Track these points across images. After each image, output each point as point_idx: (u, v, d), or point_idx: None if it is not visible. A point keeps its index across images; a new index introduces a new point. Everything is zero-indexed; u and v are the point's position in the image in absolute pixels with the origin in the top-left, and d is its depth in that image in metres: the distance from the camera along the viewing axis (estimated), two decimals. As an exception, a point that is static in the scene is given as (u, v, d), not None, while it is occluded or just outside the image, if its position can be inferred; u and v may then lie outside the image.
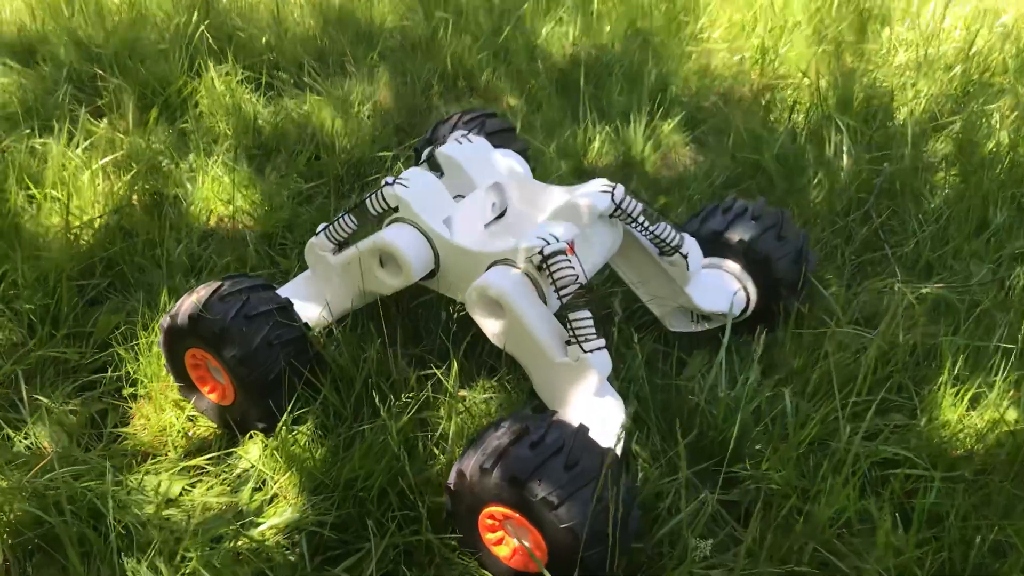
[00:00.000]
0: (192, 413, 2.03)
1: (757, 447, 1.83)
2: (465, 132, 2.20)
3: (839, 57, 3.28)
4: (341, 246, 2.07)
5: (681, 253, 2.01)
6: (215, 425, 2.01)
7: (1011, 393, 1.89)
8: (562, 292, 1.77)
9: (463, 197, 2.09)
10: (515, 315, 1.79)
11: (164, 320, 1.94)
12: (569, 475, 1.53)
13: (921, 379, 1.97)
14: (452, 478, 1.63)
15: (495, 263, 1.87)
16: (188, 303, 1.90)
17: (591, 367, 1.76)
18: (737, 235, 2.13)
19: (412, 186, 1.98)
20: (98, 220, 2.45)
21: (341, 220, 2.04)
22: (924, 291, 2.15)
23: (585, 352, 1.75)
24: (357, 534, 1.72)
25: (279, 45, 3.33)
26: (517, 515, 1.57)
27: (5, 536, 1.68)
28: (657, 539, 1.70)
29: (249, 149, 2.86)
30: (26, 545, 1.68)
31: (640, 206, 1.96)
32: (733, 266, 2.15)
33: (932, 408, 1.91)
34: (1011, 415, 1.87)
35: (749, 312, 2.17)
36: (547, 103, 3.03)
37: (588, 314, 1.78)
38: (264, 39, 3.38)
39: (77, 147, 2.76)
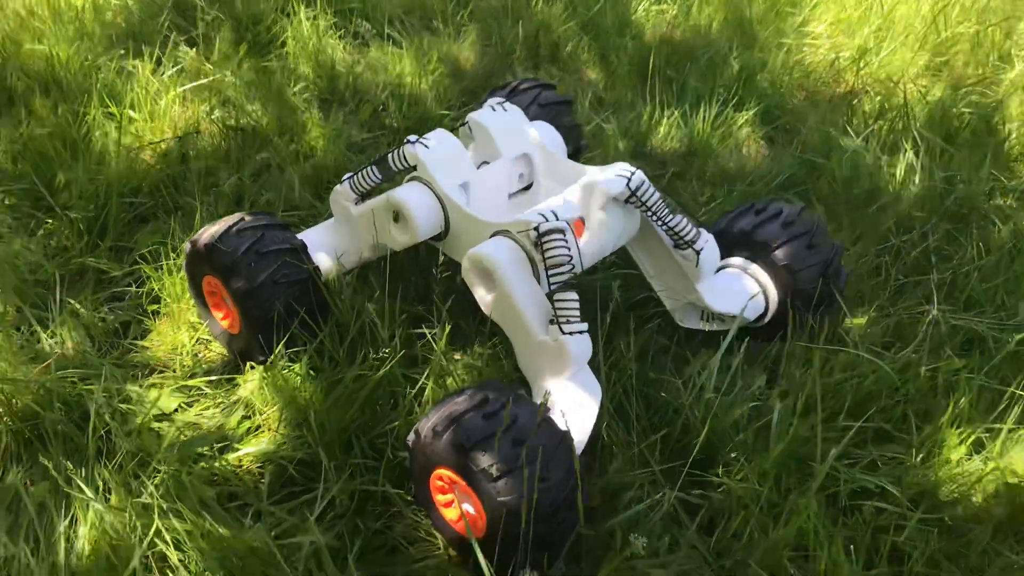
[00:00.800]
0: (205, 337, 2.12)
1: (733, 455, 1.78)
2: (501, 100, 2.19)
3: (943, 67, 3.08)
4: (364, 197, 2.11)
5: (695, 249, 1.96)
6: (224, 352, 2.10)
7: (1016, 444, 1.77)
8: (552, 271, 1.76)
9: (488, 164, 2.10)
10: (504, 287, 1.79)
11: (187, 245, 2.03)
12: (516, 450, 1.53)
13: (928, 413, 1.86)
14: (411, 436, 1.66)
15: (497, 233, 1.87)
16: (208, 232, 1.99)
17: (569, 349, 1.75)
18: (764, 238, 2.05)
19: (432, 147, 1.99)
20: (163, 143, 2.58)
21: (365, 171, 2.08)
22: (955, 323, 2.02)
23: (564, 333, 1.74)
24: (322, 475, 1.77)
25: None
26: (462, 481, 1.58)
27: (8, 421, 1.82)
28: (608, 528, 1.68)
29: (322, 93, 2.94)
30: (24, 435, 1.81)
31: (657, 195, 1.92)
32: (756, 269, 2.08)
33: (930, 445, 1.81)
34: (1013, 466, 1.76)
35: (767, 319, 2.10)
36: (622, 81, 2.98)
37: (575, 296, 1.77)
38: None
39: (164, 72, 2.91)
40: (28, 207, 2.42)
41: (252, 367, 2.00)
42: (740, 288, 2.06)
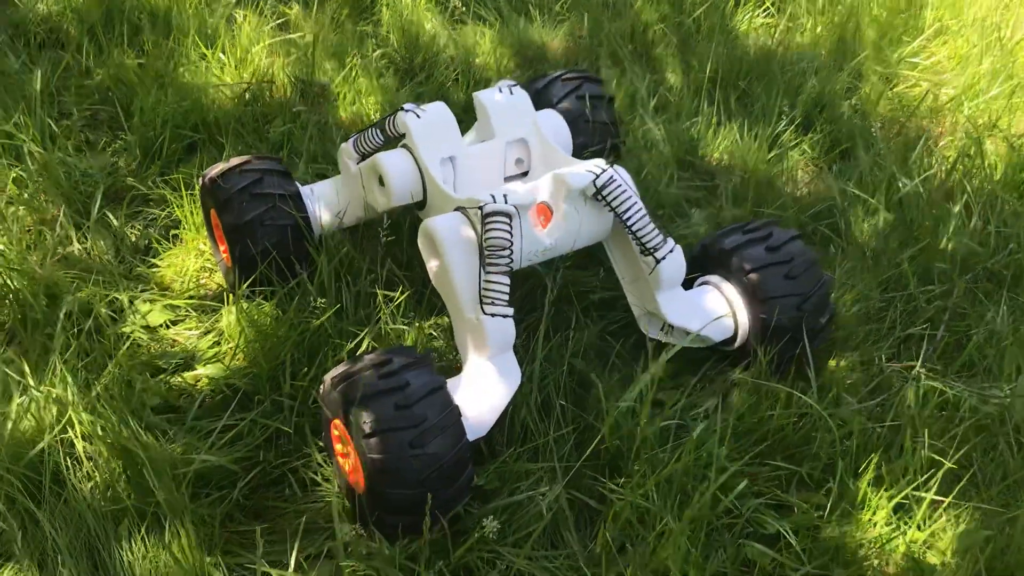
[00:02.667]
0: (210, 266, 2.30)
1: (637, 467, 1.75)
2: (512, 83, 2.21)
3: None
4: (364, 157, 2.20)
5: (655, 257, 1.92)
6: (222, 282, 2.26)
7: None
8: (488, 253, 1.78)
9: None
10: (444, 260, 1.83)
11: (200, 178, 2.20)
12: (396, 413, 1.58)
13: (856, 469, 1.75)
14: (321, 385, 1.74)
15: (457, 209, 1.91)
16: (216, 169, 2.15)
17: (487, 330, 1.77)
18: (742, 260, 1.98)
19: (423, 118, 2.06)
20: (234, 87, 2.78)
21: (368, 132, 2.17)
22: (936, 384, 1.87)
23: (485, 313, 1.77)
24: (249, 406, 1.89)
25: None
26: (347, 434, 1.65)
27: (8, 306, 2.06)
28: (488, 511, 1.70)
29: (403, 61, 3.06)
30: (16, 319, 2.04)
31: (626, 196, 1.90)
32: (730, 290, 2.01)
33: (849, 502, 1.70)
34: (932, 540, 1.63)
35: (737, 343, 2.02)
36: (697, 87, 2.91)
37: (506, 280, 1.79)
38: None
39: (266, 25, 3.12)
40: (107, 126, 2.69)
41: (232, 299, 2.14)
42: (707, 306, 2.00)
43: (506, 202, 1.80)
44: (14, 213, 2.33)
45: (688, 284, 2.08)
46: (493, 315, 1.77)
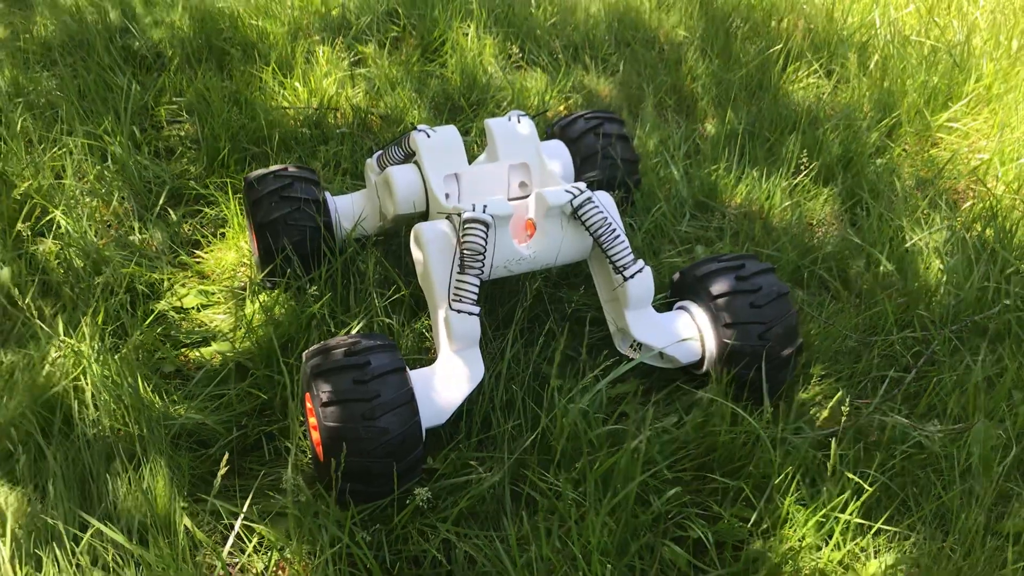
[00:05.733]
0: (247, 260, 2.56)
1: (576, 465, 1.86)
2: (521, 113, 2.40)
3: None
4: (383, 171, 2.43)
5: (623, 275, 2.06)
6: (253, 274, 2.52)
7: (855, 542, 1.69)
8: (463, 256, 1.96)
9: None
10: (426, 260, 2.03)
11: (243, 180, 2.48)
12: (352, 387, 1.77)
13: (787, 489, 1.81)
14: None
15: (447, 217, 2.11)
16: (257, 173, 2.42)
17: (453, 324, 1.94)
18: (711, 286, 2.08)
19: (432, 138, 2.28)
20: (303, 110, 3.09)
21: (390, 149, 2.40)
22: (881, 418, 1.92)
23: (452, 310, 1.94)
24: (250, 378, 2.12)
25: (549, 28, 3.70)
26: (312, 405, 1.85)
27: (62, 275, 2.36)
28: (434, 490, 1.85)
29: (458, 99, 3.31)
30: (66, 287, 2.34)
31: (603, 218, 2.05)
32: (701, 315, 2.11)
33: (773, 516, 1.77)
34: (834, 555, 1.68)
35: (704, 368, 2.12)
36: (727, 139, 3.04)
37: (476, 281, 1.96)
38: (551, 21, 3.79)
39: (343, 60, 3.44)
40: (188, 139, 3.04)
41: (257, 288, 2.39)
42: (676, 328, 2.11)
43: (484, 212, 1.99)
44: (89, 203, 2.67)
45: (668, 308, 2.20)
46: (459, 311, 1.94)
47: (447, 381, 1.94)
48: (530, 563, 1.68)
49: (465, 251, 1.97)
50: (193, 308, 2.42)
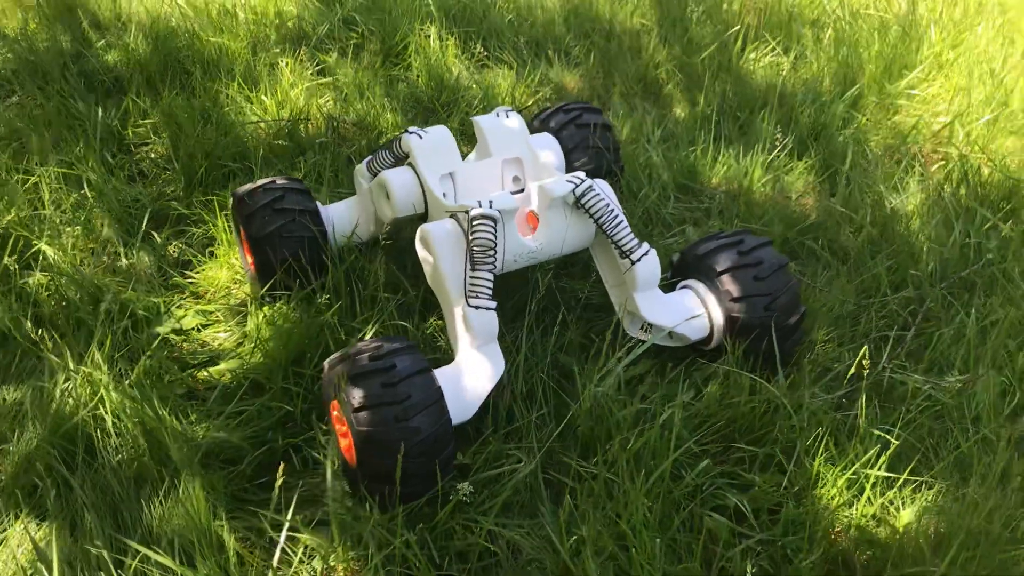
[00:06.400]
0: (240, 278, 2.53)
1: (609, 447, 1.90)
2: (508, 108, 2.43)
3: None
4: (375, 176, 2.43)
5: (630, 259, 2.09)
6: (249, 292, 2.50)
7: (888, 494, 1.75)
8: (474, 252, 1.98)
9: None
10: (436, 260, 2.04)
11: (231, 196, 2.46)
12: (382, 391, 1.77)
13: (815, 451, 1.87)
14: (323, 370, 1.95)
15: (451, 215, 2.12)
16: (246, 187, 2.40)
17: (472, 321, 1.96)
18: (715, 263, 2.14)
19: (425, 139, 2.29)
20: (272, 123, 3.06)
21: (379, 154, 2.40)
22: (899, 378, 1.99)
23: (469, 306, 1.95)
24: (262, 394, 2.10)
25: (507, 25, 3.73)
26: (342, 412, 1.84)
27: (57, 307, 2.32)
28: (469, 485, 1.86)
29: (429, 101, 3.32)
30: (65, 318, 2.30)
31: (606, 204, 2.08)
32: (705, 292, 2.16)
33: (804, 479, 1.82)
34: (868, 509, 1.74)
35: (713, 343, 2.17)
36: (699, 122, 3.10)
37: (489, 276, 1.98)
38: (508, 18, 3.81)
39: (307, 70, 3.42)
40: (161, 160, 2.99)
41: (258, 305, 2.37)
42: (683, 306, 2.16)
43: (491, 207, 2.01)
44: (71, 232, 2.62)
45: (672, 289, 2.25)
46: (477, 307, 1.96)
47: (470, 377, 1.96)
48: (577, 546, 1.71)
49: (476, 247, 1.99)
50: (193, 329, 2.39)
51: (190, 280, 2.53)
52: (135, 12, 3.79)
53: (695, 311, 2.15)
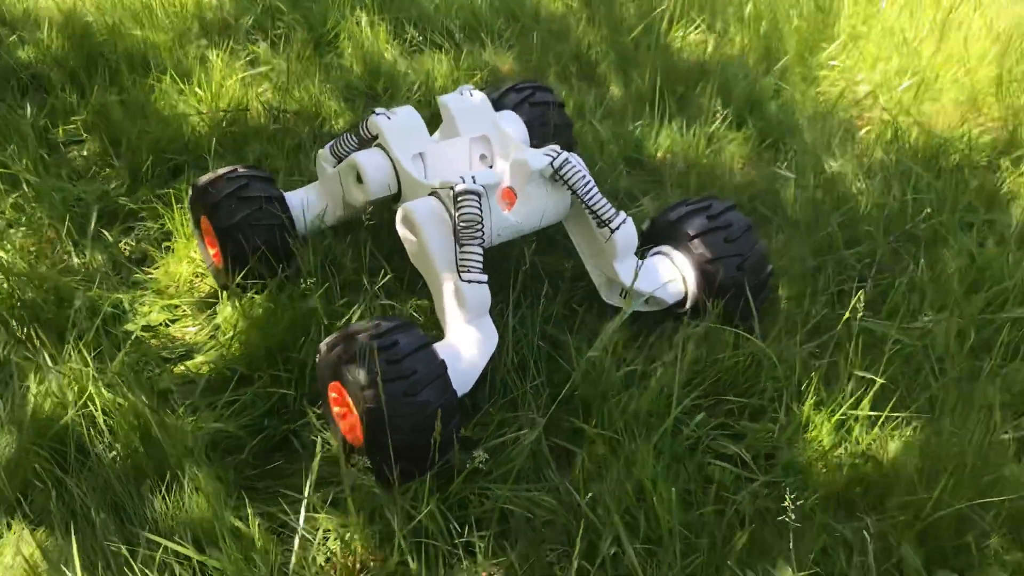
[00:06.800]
0: (202, 271, 2.48)
1: (607, 410, 1.95)
2: (471, 87, 2.45)
3: (964, 110, 3.12)
4: (340, 160, 2.41)
5: (610, 227, 2.15)
6: (214, 284, 2.44)
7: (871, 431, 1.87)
8: (461, 227, 2.00)
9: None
10: (421, 236, 2.05)
11: (190, 187, 2.40)
12: (388, 367, 1.77)
13: (800, 398, 1.97)
14: (317, 352, 1.93)
15: (431, 193, 2.13)
16: (206, 177, 2.35)
17: (465, 295, 1.98)
18: (687, 228, 2.21)
19: (393, 119, 2.29)
20: (211, 114, 3.00)
21: (343, 138, 2.39)
22: (869, 327, 2.12)
23: (462, 280, 1.97)
24: (251, 383, 2.07)
25: (437, 11, 3.75)
26: (345, 392, 1.84)
27: (18, 310, 2.22)
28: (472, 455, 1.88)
29: (368, 88, 3.30)
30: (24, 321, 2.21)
31: (581, 176, 2.13)
32: (679, 257, 2.24)
33: (795, 425, 1.92)
34: (866, 449, 1.86)
35: (687, 305, 2.25)
36: (639, 97, 3.19)
37: (479, 250, 2.00)
38: (435, 2, 3.82)
39: (238, 61, 3.35)
40: (97, 158, 2.88)
41: (228, 296, 2.32)
42: (659, 271, 2.23)
43: (475, 183, 2.03)
44: (15, 234, 2.50)
45: (642, 256, 2.32)
46: (470, 282, 1.98)
47: (466, 351, 1.98)
48: (593, 504, 1.76)
49: (463, 223, 2.00)
50: (160, 324, 2.33)
51: (150, 276, 2.46)
52: (44, 7, 3.63)
53: (671, 275, 2.23)
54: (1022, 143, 2.92)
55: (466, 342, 1.99)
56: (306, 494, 1.73)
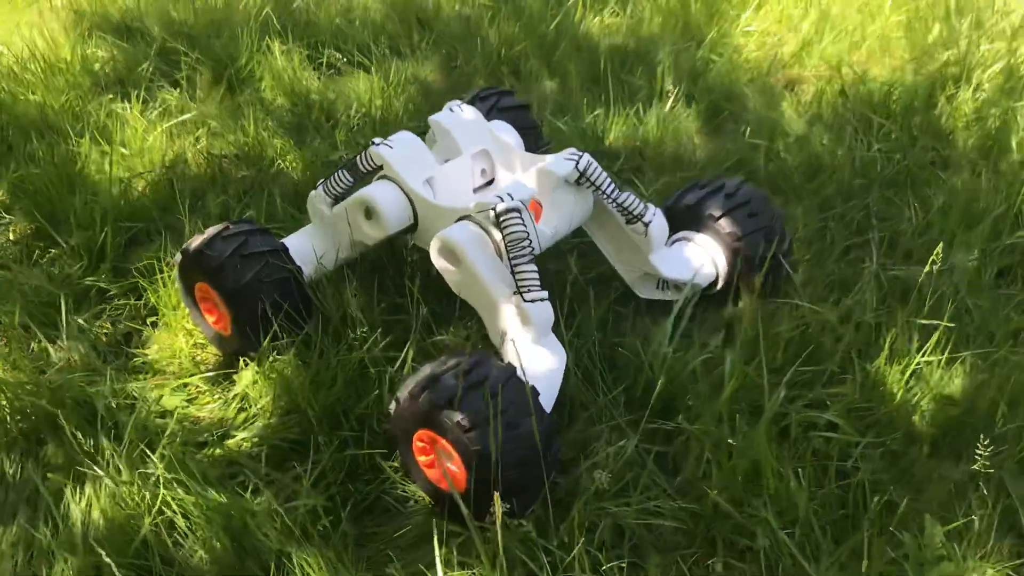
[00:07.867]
0: (201, 341, 2.28)
1: (690, 403, 1.93)
2: (459, 102, 2.37)
3: (883, 54, 3.29)
4: (337, 200, 2.28)
5: (643, 222, 2.13)
6: (218, 353, 2.26)
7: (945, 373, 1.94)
8: (511, 246, 1.92)
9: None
10: (468, 265, 1.96)
11: (178, 255, 2.20)
12: (486, 404, 1.68)
13: (868, 354, 2.02)
14: (391, 404, 1.81)
15: (461, 219, 2.04)
16: (197, 241, 2.16)
17: (532, 316, 1.91)
18: (709, 210, 2.22)
19: (396, 147, 2.17)
20: (152, 173, 2.77)
21: (337, 175, 2.25)
22: (895, 274, 2.19)
23: (525, 301, 1.90)
24: (311, 447, 1.92)
25: (344, 29, 3.60)
26: (441, 439, 1.73)
27: (18, 421, 1.98)
28: (576, 476, 1.83)
29: (300, 119, 3.13)
30: (37, 433, 1.97)
31: (605, 175, 2.09)
32: (704, 239, 2.24)
33: (872, 382, 1.96)
34: (945, 390, 1.92)
35: (719, 286, 2.26)
36: (578, 88, 3.18)
37: (534, 267, 1.93)
38: (336, 22, 3.67)
39: (151, 112, 3.11)
40: (30, 239, 2.60)
41: (245, 363, 2.15)
42: (690, 257, 2.23)
43: (512, 200, 1.96)
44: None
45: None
46: (532, 301, 1.91)
47: (540, 371, 1.91)
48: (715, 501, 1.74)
49: (513, 240, 1.93)
50: (176, 408, 2.13)
51: (146, 358, 2.25)
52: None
53: (702, 259, 2.23)
54: (947, 80, 3.10)
55: (538, 362, 1.92)
56: (437, 555, 1.62)
